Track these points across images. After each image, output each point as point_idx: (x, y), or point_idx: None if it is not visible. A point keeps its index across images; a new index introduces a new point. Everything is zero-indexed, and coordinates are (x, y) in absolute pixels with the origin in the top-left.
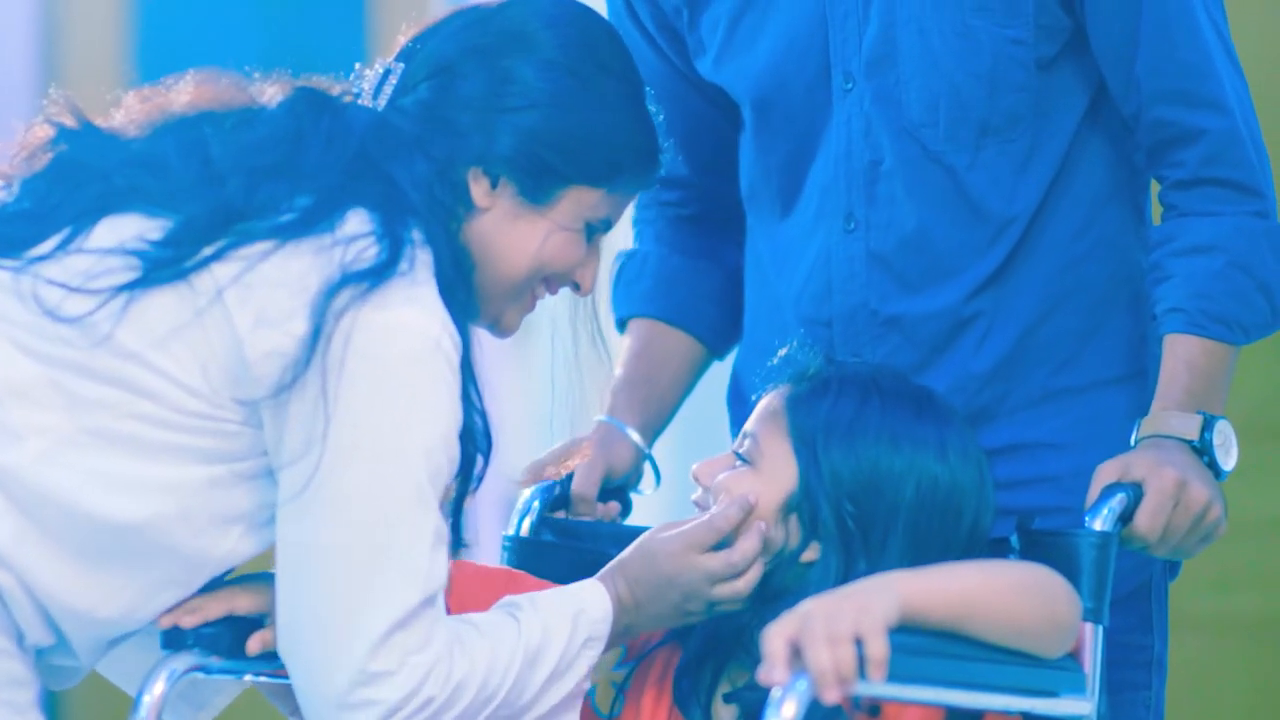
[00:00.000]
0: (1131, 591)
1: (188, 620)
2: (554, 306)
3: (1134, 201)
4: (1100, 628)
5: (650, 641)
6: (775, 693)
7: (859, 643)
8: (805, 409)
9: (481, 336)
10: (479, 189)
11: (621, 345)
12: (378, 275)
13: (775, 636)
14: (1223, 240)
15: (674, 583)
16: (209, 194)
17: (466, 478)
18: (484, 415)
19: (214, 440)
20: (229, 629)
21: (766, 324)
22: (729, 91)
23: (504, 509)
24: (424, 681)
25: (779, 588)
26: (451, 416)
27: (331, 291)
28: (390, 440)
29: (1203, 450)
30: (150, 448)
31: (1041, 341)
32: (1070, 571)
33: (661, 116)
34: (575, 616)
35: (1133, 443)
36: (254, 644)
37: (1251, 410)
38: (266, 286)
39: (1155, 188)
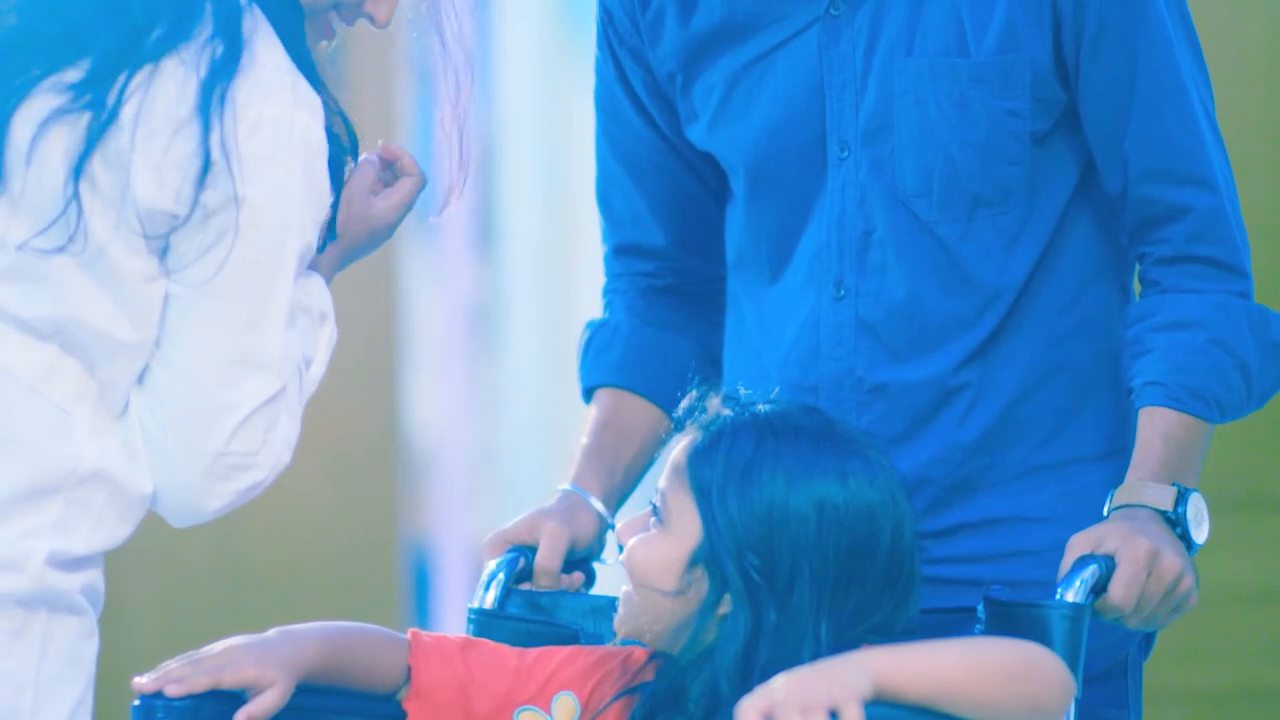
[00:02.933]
0: (1109, 668)
1: (173, 689)
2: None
3: (1120, 281)
4: (1073, 700)
5: (604, 700)
6: None
7: (834, 715)
8: (703, 460)
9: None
10: None
11: (587, 415)
12: (224, 73)
13: (748, 710)
14: (1205, 317)
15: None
16: (112, 18)
17: (338, 179)
18: (344, 116)
19: None
20: (203, 703)
21: (748, 390)
22: (721, 158)
23: (470, 581)
24: (280, 456)
25: (702, 643)
26: (319, 192)
27: (205, 112)
28: (267, 234)
29: (1175, 522)
30: None
31: (1025, 416)
32: (1043, 643)
33: None
34: (321, 317)
35: (1106, 512)
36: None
37: (1221, 482)
38: (154, 136)
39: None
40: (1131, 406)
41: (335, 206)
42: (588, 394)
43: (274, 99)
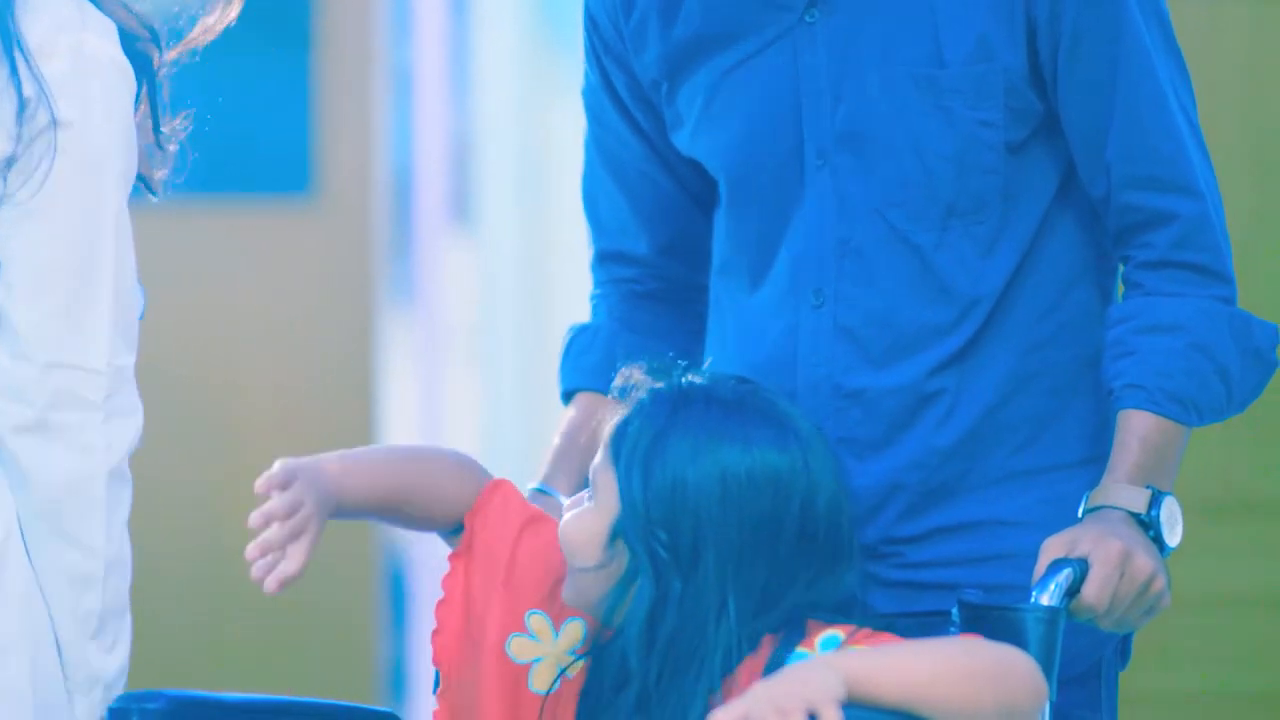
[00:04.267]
0: (1084, 671)
1: (272, 587)
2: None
3: (1101, 285)
4: (1048, 703)
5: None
6: None
7: (812, 717)
8: (621, 434)
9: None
10: None
11: (563, 416)
12: (8, 12)
13: (724, 717)
14: (1186, 321)
15: None
16: None
17: (151, 76)
18: (136, 14)
19: None
20: (178, 711)
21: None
22: (705, 165)
23: None
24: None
25: (621, 616)
26: (123, 108)
27: (8, 53)
28: (83, 149)
29: (1149, 525)
30: None
31: (1003, 422)
32: (1016, 646)
33: None
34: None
35: (1080, 514)
36: None
37: (1195, 487)
38: None
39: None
40: (1111, 408)
41: (154, 103)
42: (566, 397)
43: (66, 27)
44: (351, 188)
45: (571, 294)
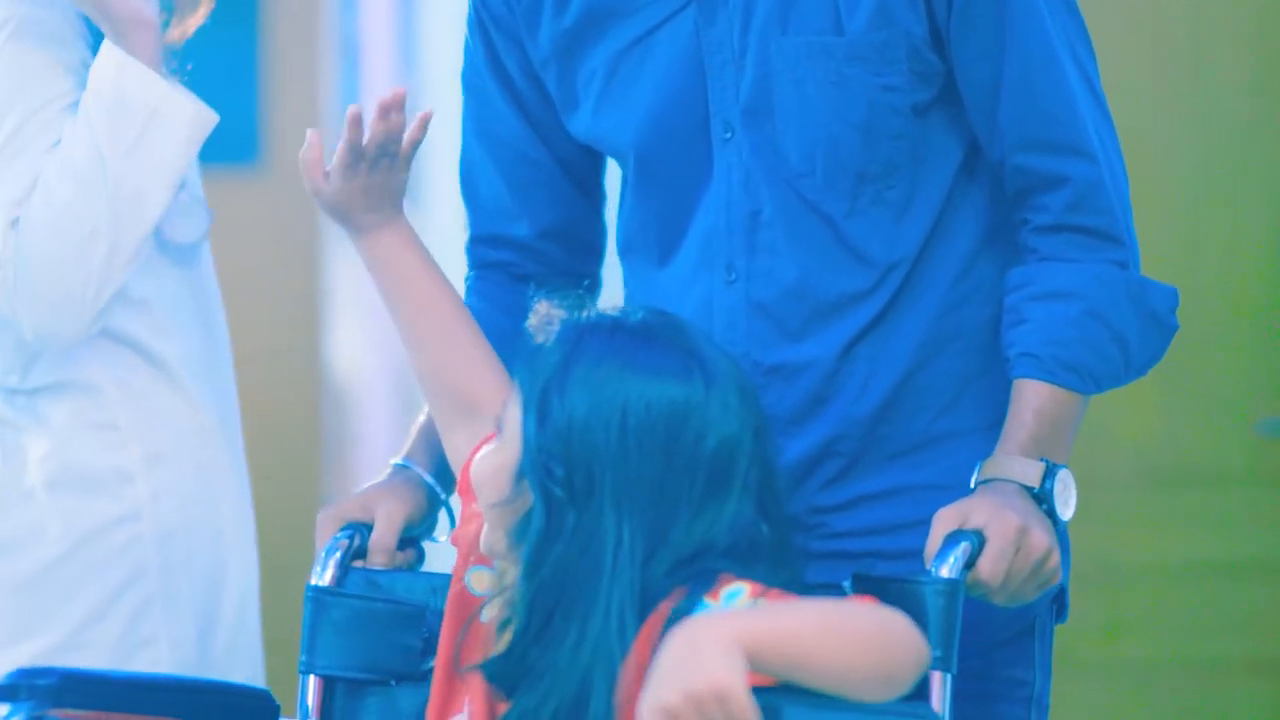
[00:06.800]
0: (1018, 630)
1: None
2: None
3: (1014, 244)
4: (949, 675)
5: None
6: None
7: None
8: (526, 368)
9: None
10: None
11: None
12: None
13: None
14: (1081, 288)
15: None
16: None
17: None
18: None
19: None
20: (68, 683)
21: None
22: (608, 145)
23: None
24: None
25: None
26: None
27: None
28: None
29: (1042, 498)
30: None
31: (923, 385)
32: (916, 619)
33: None
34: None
35: (973, 484)
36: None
37: (1138, 458)
38: None
39: None
40: (1007, 376)
41: None
42: None
43: None
44: (299, 158)
45: None
